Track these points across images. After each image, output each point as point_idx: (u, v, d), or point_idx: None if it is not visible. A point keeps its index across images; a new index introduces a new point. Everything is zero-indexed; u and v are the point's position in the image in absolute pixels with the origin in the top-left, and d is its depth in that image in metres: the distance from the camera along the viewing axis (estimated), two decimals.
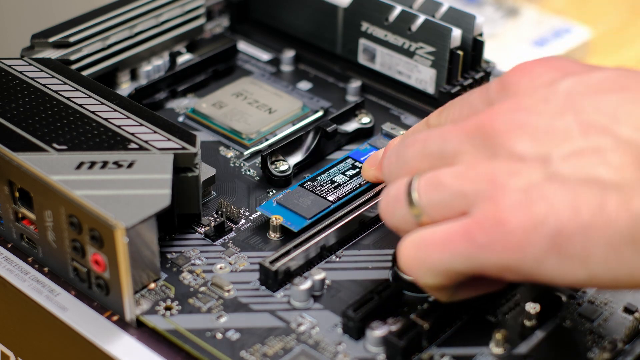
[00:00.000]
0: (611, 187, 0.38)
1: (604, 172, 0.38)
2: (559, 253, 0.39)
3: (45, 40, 0.57)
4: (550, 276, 0.39)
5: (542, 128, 0.39)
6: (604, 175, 0.38)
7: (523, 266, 0.39)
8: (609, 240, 0.38)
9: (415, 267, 0.42)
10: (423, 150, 0.42)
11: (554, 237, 0.38)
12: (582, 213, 0.38)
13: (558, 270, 0.39)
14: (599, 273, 0.39)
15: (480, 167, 0.40)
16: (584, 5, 0.92)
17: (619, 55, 0.87)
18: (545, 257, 0.39)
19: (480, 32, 0.57)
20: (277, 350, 0.44)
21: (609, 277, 0.39)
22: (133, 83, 0.61)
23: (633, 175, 0.38)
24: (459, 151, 0.41)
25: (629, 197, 0.38)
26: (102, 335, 0.45)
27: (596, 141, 0.38)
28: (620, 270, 0.38)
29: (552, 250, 0.39)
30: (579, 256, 0.38)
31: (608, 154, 0.38)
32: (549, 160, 0.39)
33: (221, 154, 0.56)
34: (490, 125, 0.40)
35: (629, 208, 0.38)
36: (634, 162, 0.38)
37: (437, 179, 0.41)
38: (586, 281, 0.39)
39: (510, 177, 0.39)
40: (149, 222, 0.45)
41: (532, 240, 0.39)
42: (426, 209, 0.41)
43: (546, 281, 0.40)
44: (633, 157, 0.38)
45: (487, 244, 0.39)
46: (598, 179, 0.38)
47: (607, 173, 0.38)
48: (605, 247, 0.38)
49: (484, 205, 0.39)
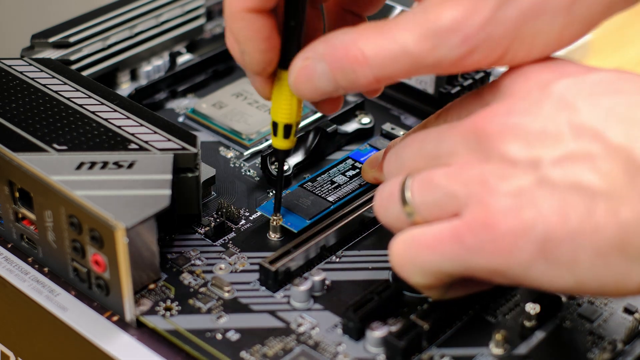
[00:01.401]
0: (600, 194, 0.38)
1: (593, 178, 0.38)
2: (546, 259, 0.39)
3: (45, 41, 0.57)
4: (537, 281, 0.40)
5: (534, 131, 0.39)
6: (593, 182, 0.38)
7: (511, 271, 0.39)
8: (596, 247, 0.38)
9: (405, 266, 0.42)
10: (420, 150, 0.42)
11: (542, 242, 0.38)
12: (571, 219, 0.38)
13: (545, 276, 0.39)
14: (586, 280, 0.39)
15: (472, 170, 0.40)
16: None
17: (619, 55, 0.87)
18: (533, 262, 0.39)
19: None
20: (277, 351, 0.44)
21: (595, 284, 0.39)
22: (133, 83, 0.61)
23: (622, 183, 0.38)
24: (453, 152, 0.41)
25: (617, 204, 0.38)
26: (102, 335, 0.45)
27: (587, 147, 0.38)
28: (607, 278, 0.39)
29: (539, 256, 0.39)
30: (566, 262, 0.39)
31: (598, 161, 0.38)
32: (540, 164, 0.39)
33: (221, 154, 0.56)
34: (484, 127, 0.40)
35: (617, 215, 0.38)
36: (623, 170, 0.38)
37: (430, 178, 0.41)
38: (573, 287, 0.39)
39: (501, 180, 0.39)
40: (149, 222, 0.45)
41: (521, 245, 0.39)
42: (418, 209, 0.41)
43: (534, 286, 0.40)
44: (622, 164, 0.38)
45: (476, 247, 0.39)
46: (587, 186, 0.38)
47: (596, 180, 0.38)
48: (592, 254, 0.38)
49: (474, 208, 0.40)
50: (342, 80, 0.42)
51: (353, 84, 0.42)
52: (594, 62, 0.86)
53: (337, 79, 0.42)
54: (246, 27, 0.44)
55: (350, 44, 0.42)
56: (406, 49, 0.41)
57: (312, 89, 0.43)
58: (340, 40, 0.42)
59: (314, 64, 0.43)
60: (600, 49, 0.88)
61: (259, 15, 0.43)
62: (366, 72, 0.42)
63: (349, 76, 0.42)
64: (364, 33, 0.42)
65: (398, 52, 0.41)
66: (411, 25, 0.41)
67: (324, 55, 0.42)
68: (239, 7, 0.43)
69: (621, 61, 0.86)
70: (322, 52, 0.43)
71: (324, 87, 0.43)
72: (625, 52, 0.88)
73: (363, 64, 0.41)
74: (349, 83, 0.42)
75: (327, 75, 0.43)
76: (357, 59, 0.42)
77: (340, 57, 0.42)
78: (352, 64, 0.42)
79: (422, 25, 0.40)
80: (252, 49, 0.44)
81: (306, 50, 0.43)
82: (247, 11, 0.43)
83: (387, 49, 0.41)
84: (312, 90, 0.43)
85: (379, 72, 0.42)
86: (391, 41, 0.41)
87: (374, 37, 0.41)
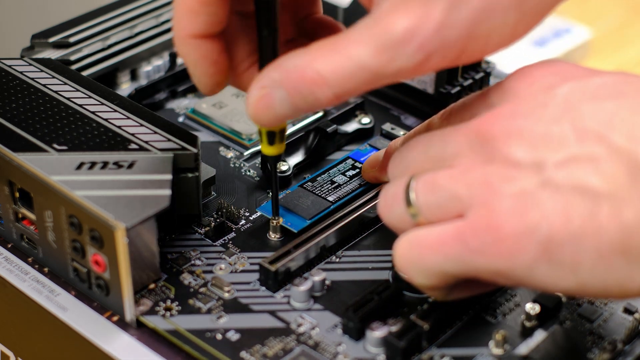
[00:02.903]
0: (603, 197, 0.38)
1: (597, 181, 0.38)
2: (549, 260, 0.39)
3: (45, 41, 0.57)
4: (540, 283, 0.40)
5: (538, 134, 0.39)
6: (596, 185, 0.38)
7: (514, 272, 0.40)
8: (598, 249, 0.38)
9: (409, 267, 0.42)
10: (424, 152, 0.43)
11: (545, 244, 0.39)
12: (574, 221, 0.38)
13: (548, 277, 0.39)
14: (589, 282, 0.39)
15: (476, 171, 0.40)
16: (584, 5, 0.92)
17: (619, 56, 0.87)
18: (536, 264, 0.39)
19: None
20: (277, 351, 0.44)
21: (598, 286, 0.39)
22: (133, 83, 0.61)
23: (625, 185, 0.38)
24: (457, 154, 0.41)
25: (620, 206, 0.38)
26: (102, 335, 0.45)
27: (591, 149, 0.38)
28: (610, 280, 0.39)
29: (543, 258, 0.39)
30: (569, 264, 0.39)
31: (602, 163, 0.38)
32: (544, 166, 0.39)
33: (221, 154, 0.56)
34: (488, 129, 0.40)
35: (620, 217, 0.38)
36: (626, 172, 0.38)
37: (434, 180, 0.41)
38: (576, 289, 0.40)
39: (505, 182, 0.39)
40: (149, 222, 0.45)
41: (524, 246, 0.39)
42: (422, 210, 0.41)
43: (537, 288, 0.40)
44: (626, 167, 0.38)
45: (480, 249, 0.40)
46: (590, 188, 0.38)
47: (599, 182, 0.38)
48: (595, 256, 0.38)
49: (478, 209, 0.40)
50: (302, 104, 0.42)
51: (313, 106, 0.42)
52: (594, 62, 0.86)
53: (297, 103, 0.42)
54: (193, 52, 0.44)
55: (305, 67, 0.41)
56: (363, 64, 0.40)
57: (272, 117, 0.43)
58: (294, 64, 0.41)
59: (271, 92, 0.42)
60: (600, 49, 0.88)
61: (205, 40, 0.43)
62: (326, 92, 0.41)
63: (309, 98, 0.41)
64: (318, 53, 0.41)
65: (355, 68, 0.40)
66: (365, 39, 0.40)
67: (280, 82, 0.42)
68: (184, 33, 0.43)
69: (621, 61, 0.86)
70: (278, 78, 0.42)
71: (285, 113, 0.42)
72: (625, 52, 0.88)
73: (322, 85, 0.41)
74: (309, 105, 0.42)
75: (287, 101, 0.42)
76: (315, 81, 0.41)
77: (297, 82, 0.41)
78: (310, 86, 0.41)
79: (376, 38, 0.40)
80: (199, 73, 0.45)
81: (260, 79, 0.42)
82: (193, 37, 0.43)
83: (343, 67, 0.40)
84: (272, 118, 0.43)
85: (339, 90, 0.41)
86: (347, 58, 0.40)
87: (328, 56, 0.40)
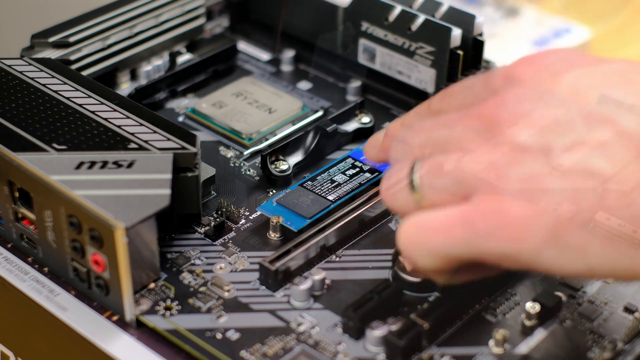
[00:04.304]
0: (611, 180, 0.38)
1: (605, 164, 0.38)
2: (557, 244, 0.39)
3: (45, 40, 0.57)
4: (548, 266, 0.40)
5: (545, 119, 0.39)
6: (604, 168, 0.38)
7: (522, 255, 0.39)
8: (607, 233, 0.38)
9: (415, 250, 0.42)
10: (429, 137, 0.43)
11: (552, 228, 0.38)
12: (582, 205, 0.38)
13: (556, 261, 0.39)
14: (597, 265, 0.39)
15: (482, 156, 0.40)
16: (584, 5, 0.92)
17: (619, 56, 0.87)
18: (544, 247, 0.39)
19: (480, 32, 0.57)
20: (277, 350, 0.44)
21: (606, 268, 0.39)
22: (133, 83, 0.61)
23: (633, 169, 0.38)
24: (463, 139, 0.41)
25: (628, 190, 0.38)
26: (102, 335, 0.45)
27: (598, 134, 0.39)
28: (618, 263, 0.39)
29: (550, 241, 0.39)
30: (577, 248, 0.39)
31: (609, 147, 0.38)
32: (551, 151, 0.39)
33: (221, 154, 0.56)
34: (495, 114, 0.40)
35: (628, 201, 0.38)
36: (634, 156, 0.38)
37: (439, 164, 0.41)
38: (584, 272, 0.39)
39: (512, 166, 0.39)
40: (148, 222, 0.45)
41: (531, 230, 0.39)
42: (427, 194, 0.41)
43: (545, 271, 0.40)
44: (634, 151, 0.38)
45: (487, 232, 0.39)
46: (598, 172, 0.38)
47: (607, 166, 0.38)
48: (603, 240, 0.38)
49: (484, 193, 0.40)
50: None
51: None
52: None
53: None
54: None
55: None
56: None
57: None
58: None
59: None
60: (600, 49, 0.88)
61: None
62: None
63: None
64: None
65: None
66: None
67: None
68: None
69: None
70: None
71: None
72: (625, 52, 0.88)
73: None
74: None
75: None
76: None
77: None
78: None
79: None
80: None
81: None
82: None
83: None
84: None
85: None
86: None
87: None
